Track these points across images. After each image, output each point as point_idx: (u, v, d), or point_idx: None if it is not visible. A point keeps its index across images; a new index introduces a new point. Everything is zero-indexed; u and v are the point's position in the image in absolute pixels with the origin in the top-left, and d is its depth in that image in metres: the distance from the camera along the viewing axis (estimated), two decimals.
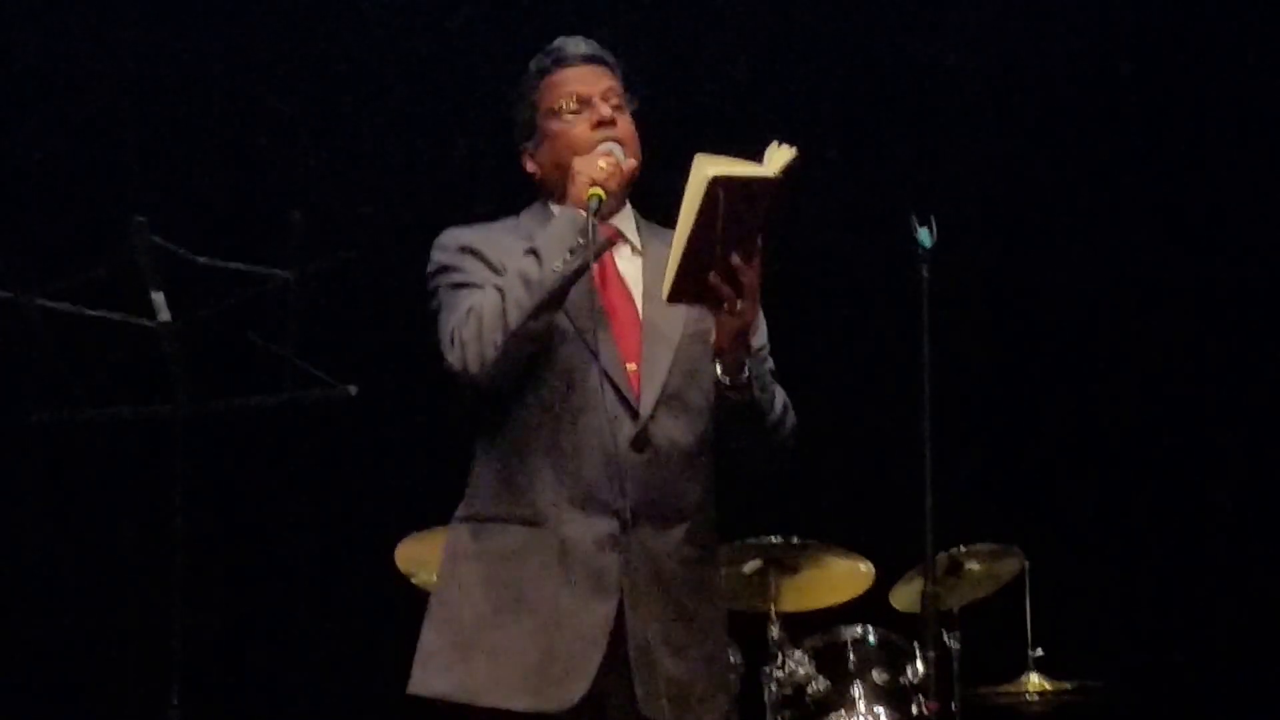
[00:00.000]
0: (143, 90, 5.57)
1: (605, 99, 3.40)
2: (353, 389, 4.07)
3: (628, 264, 3.44)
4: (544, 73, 3.45)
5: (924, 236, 4.04)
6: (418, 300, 3.45)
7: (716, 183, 3.08)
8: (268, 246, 4.04)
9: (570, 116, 3.40)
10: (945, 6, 5.77)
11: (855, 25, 5.74)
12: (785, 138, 3.12)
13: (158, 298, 3.99)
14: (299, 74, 5.66)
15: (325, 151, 5.64)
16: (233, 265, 4.04)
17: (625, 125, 3.41)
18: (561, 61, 3.45)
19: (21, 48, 5.53)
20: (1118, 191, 5.71)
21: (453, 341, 3.25)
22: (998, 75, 5.74)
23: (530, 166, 3.49)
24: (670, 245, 3.19)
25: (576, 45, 3.47)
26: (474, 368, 3.22)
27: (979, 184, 5.70)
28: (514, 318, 3.20)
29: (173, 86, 5.59)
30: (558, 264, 3.21)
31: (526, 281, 3.21)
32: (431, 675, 3.30)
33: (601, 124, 3.38)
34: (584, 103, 3.40)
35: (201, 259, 3.98)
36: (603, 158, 3.32)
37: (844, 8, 5.75)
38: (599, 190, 3.26)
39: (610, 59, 3.48)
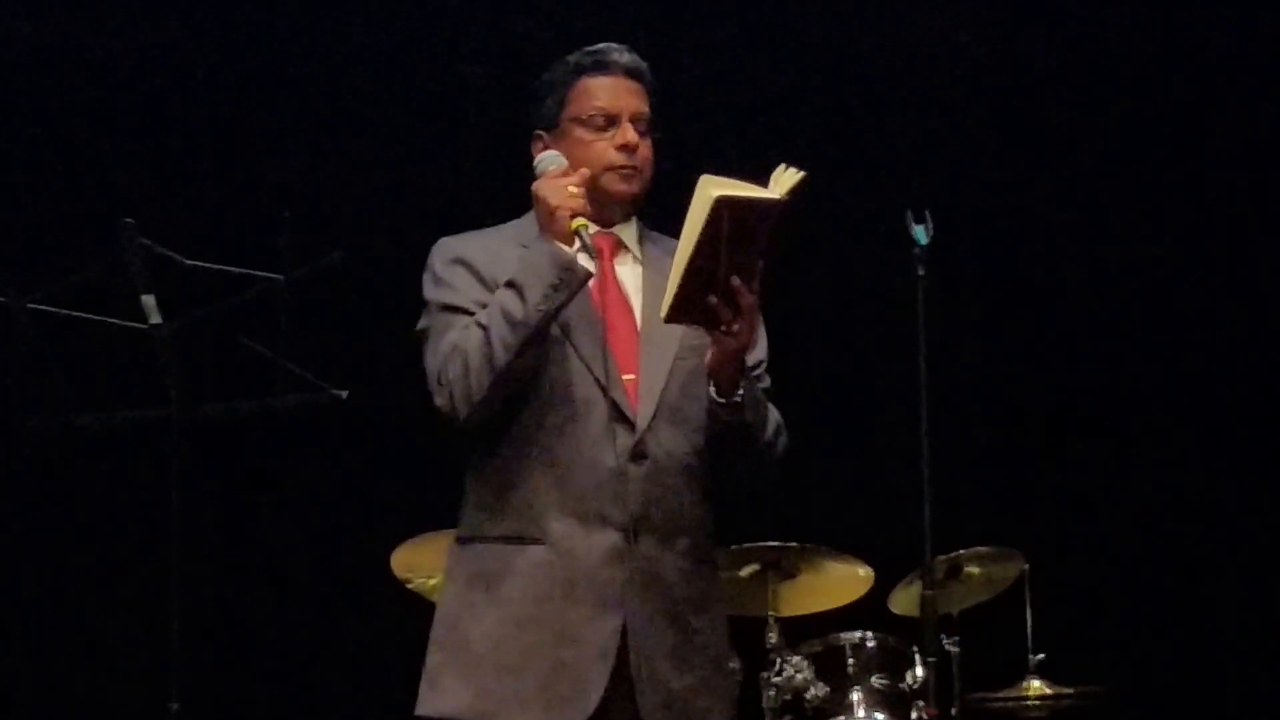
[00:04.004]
0: (133, 91, 5.55)
1: (633, 121, 3.38)
2: (344, 393, 4.05)
3: (627, 272, 3.42)
4: (581, 72, 3.41)
5: (920, 234, 4.02)
6: (411, 303, 3.43)
7: (721, 203, 3.06)
8: (259, 249, 4.02)
9: (595, 131, 3.37)
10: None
11: (852, 20, 5.71)
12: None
13: (148, 301, 3.98)
14: (291, 75, 5.64)
15: (317, 153, 5.62)
16: (224, 268, 4.02)
17: (645, 151, 3.39)
18: (601, 67, 3.41)
19: (11, 48, 5.51)
20: (1118, 188, 5.68)
21: (440, 382, 3.25)
22: (995, 70, 5.72)
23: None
24: (671, 253, 3.18)
25: (620, 54, 3.43)
26: (463, 410, 3.22)
27: (976, 181, 5.67)
28: (500, 357, 3.19)
29: (163, 88, 5.57)
30: (541, 303, 3.18)
31: (510, 320, 3.19)
32: (440, 695, 3.29)
33: (625, 148, 3.36)
34: (611, 121, 3.37)
35: (192, 262, 3.96)
36: (565, 181, 3.25)
37: (841, 3, 5.74)
38: (583, 220, 3.23)
39: (648, 77, 3.44)
